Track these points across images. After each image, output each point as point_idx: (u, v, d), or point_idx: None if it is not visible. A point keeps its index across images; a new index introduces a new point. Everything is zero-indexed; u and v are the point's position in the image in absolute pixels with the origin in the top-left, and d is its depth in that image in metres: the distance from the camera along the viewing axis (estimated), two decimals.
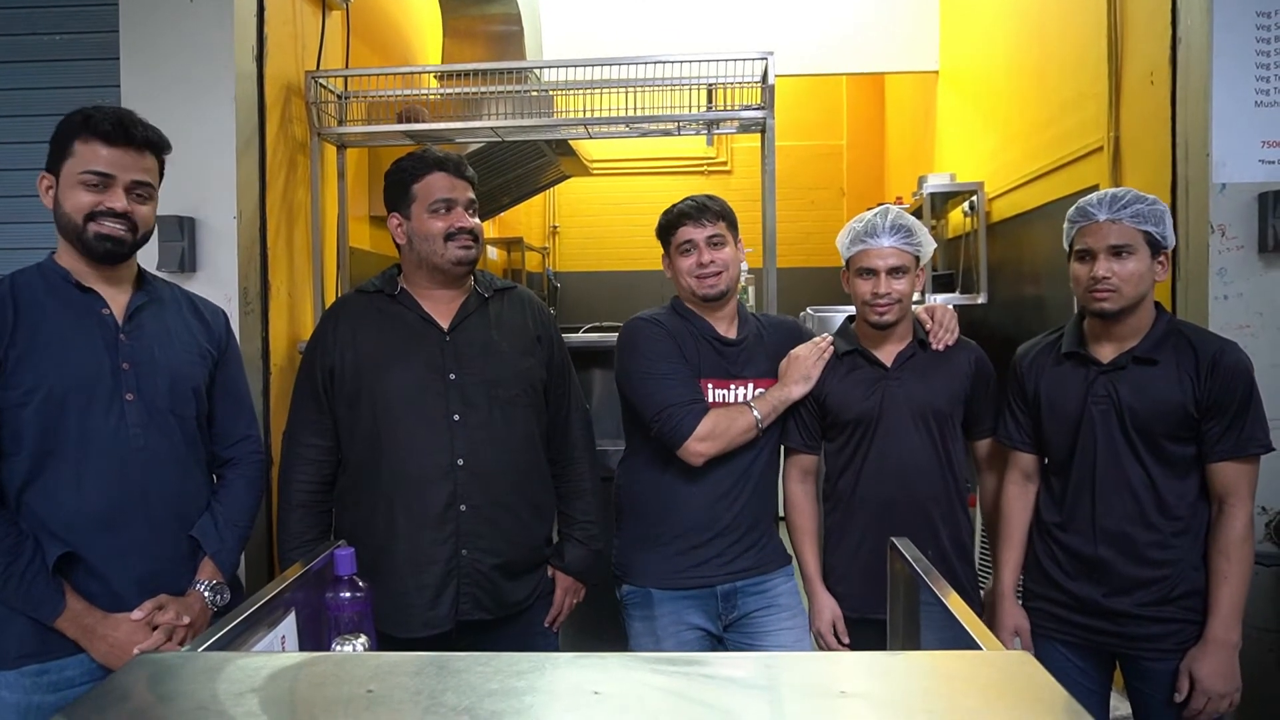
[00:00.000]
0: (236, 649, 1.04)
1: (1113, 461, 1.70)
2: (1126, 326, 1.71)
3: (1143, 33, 2.61)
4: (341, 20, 3.07)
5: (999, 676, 0.87)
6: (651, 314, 1.97)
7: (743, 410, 1.87)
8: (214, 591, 1.60)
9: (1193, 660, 1.66)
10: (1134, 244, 1.66)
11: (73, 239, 1.52)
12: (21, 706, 1.47)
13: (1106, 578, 1.71)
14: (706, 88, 2.69)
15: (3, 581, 1.44)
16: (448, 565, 1.77)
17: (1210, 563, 1.66)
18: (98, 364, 1.51)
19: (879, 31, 5.07)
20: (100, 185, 1.50)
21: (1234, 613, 1.64)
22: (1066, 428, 1.76)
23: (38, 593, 1.45)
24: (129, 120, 1.52)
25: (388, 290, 1.87)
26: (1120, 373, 1.70)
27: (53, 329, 1.50)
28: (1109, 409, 1.70)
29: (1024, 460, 1.86)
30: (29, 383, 1.46)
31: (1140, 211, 1.67)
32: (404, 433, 1.77)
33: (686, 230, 1.91)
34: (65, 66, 2.48)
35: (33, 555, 1.45)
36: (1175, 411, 1.66)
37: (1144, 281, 1.68)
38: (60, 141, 1.52)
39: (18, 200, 2.48)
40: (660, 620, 1.90)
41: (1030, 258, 3.84)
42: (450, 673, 0.84)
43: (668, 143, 6.53)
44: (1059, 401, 1.77)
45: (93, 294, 1.55)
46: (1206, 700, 1.64)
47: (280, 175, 2.65)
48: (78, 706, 0.81)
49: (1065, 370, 1.78)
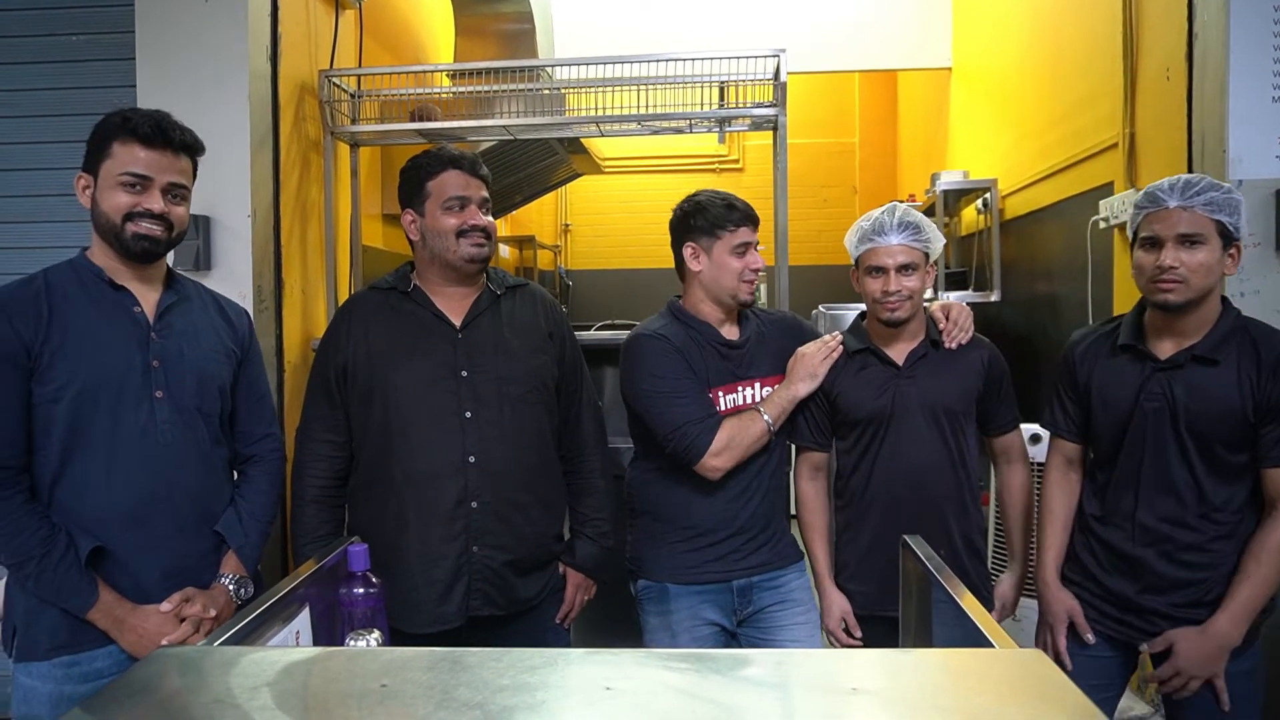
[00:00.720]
0: (252, 644, 1.05)
1: (1160, 461, 1.64)
2: (1189, 322, 1.62)
3: (1158, 28, 2.59)
4: (355, 19, 3.08)
5: (1011, 674, 0.86)
6: (654, 327, 1.93)
7: (754, 417, 1.86)
8: (238, 585, 1.62)
9: (1184, 636, 1.63)
10: (1205, 233, 1.57)
11: (110, 238, 1.55)
12: (54, 696, 1.50)
13: (1142, 575, 1.68)
14: (718, 85, 2.69)
15: (38, 574, 1.46)
16: (458, 561, 1.77)
17: (1241, 559, 1.62)
18: (129, 361, 1.53)
19: (891, 28, 5.06)
20: (138, 186, 1.53)
21: (1245, 613, 1.61)
22: (1116, 422, 1.70)
23: (71, 585, 1.47)
24: (167, 123, 1.55)
25: (400, 288, 1.88)
26: (1177, 371, 1.63)
27: (85, 326, 1.52)
28: (1163, 408, 1.63)
29: (1068, 448, 1.83)
30: (62, 379, 1.49)
31: (1214, 199, 1.57)
32: (416, 430, 1.78)
33: (746, 232, 1.89)
34: (82, 67, 2.50)
35: (66, 548, 1.47)
36: (1232, 416, 1.59)
37: (1213, 274, 1.58)
38: (98, 142, 1.54)
39: (38, 199, 2.51)
40: (676, 615, 1.90)
41: (1044, 255, 3.82)
42: (463, 668, 0.85)
43: (679, 140, 6.52)
44: (1111, 395, 1.71)
45: (125, 292, 1.57)
46: (1175, 674, 1.63)
47: (294, 173, 2.66)
48: (96, 699, 0.82)
49: (1121, 363, 1.70)
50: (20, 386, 1.47)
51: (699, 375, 1.88)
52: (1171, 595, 1.66)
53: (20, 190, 2.52)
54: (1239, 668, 1.65)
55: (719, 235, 1.88)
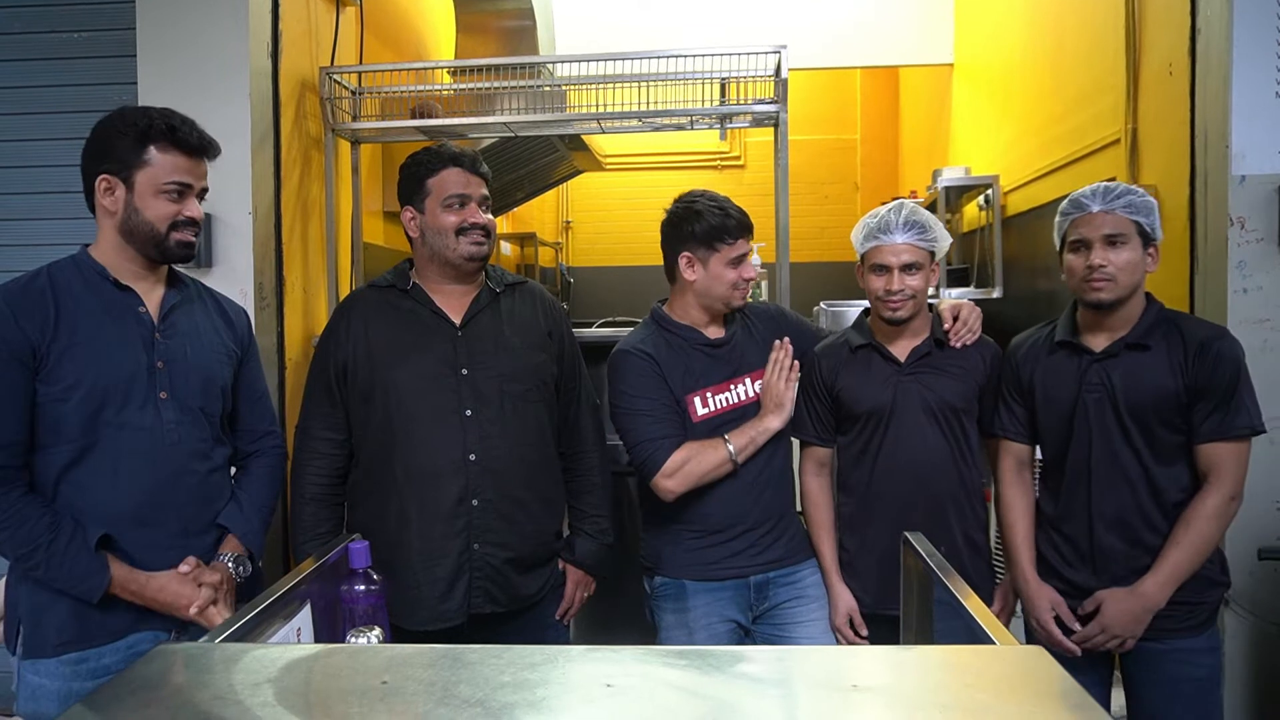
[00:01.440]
0: (253, 640, 1.05)
1: (1107, 449, 1.73)
2: (1119, 317, 1.73)
3: (1161, 23, 2.58)
4: (355, 16, 3.08)
5: (1012, 671, 0.86)
6: (634, 342, 1.93)
7: (716, 445, 1.85)
8: (237, 563, 1.63)
9: (1111, 595, 1.70)
10: (1127, 234, 1.69)
11: (147, 245, 1.55)
12: (61, 693, 1.50)
13: (1104, 565, 1.74)
14: (719, 82, 2.68)
15: (47, 560, 1.46)
16: (459, 559, 1.78)
17: (1173, 528, 1.69)
18: (135, 362, 1.54)
19: (893, 24, 5.04)
20: (180, 195, 1.55)
21: (1171, 578, 1.67)
22: (1061, 417, 1.78)
23: (83, 567, 1.47)
24: (201, 131, 1.58)
25: (400, 285, 1.88)
26: (1113, 360, 1.72)
27: (91, 326, 1.52)
28: (1103, 396, 1.72)
29: (1017, 449, 1.87)
30: (69, 379, 1.49)
31: (1132, 203, 1.70)
32: (417, 428, 1.78)
33: (744, 244, 1.89)
34: (84, 64, 2.50)
35: (73, 533, 1.47)
36: (1167, 397, 1.68)
37: (1137, 271, 1.70)
38: (130, 145, 1.52)
39: (39, 196, 2.51)
40: (693, 612, 1.90)
41: (1046, 252, 3.80)
42: (464, 665, 0.85)
43: (680, 137, 6.53)
44: (1053, 391, 1.79)
45: (130, 292, 1.58)
46: (1101, 632, 1.70)
47: (295, 171, 2.66)
48: (99, 695, 0.83)
49: (1059, 360, 1.79)
50: (25, 386, 1.48)
51: (684, 381, 1.89)
52: (1134, 581, 1.71)
53: (20, 187, 2.52)
54: (1202, 644, 1.72)
55: (716, 248, 1.87)
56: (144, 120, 1.53)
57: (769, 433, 1.88)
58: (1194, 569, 1.68)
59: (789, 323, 2.04)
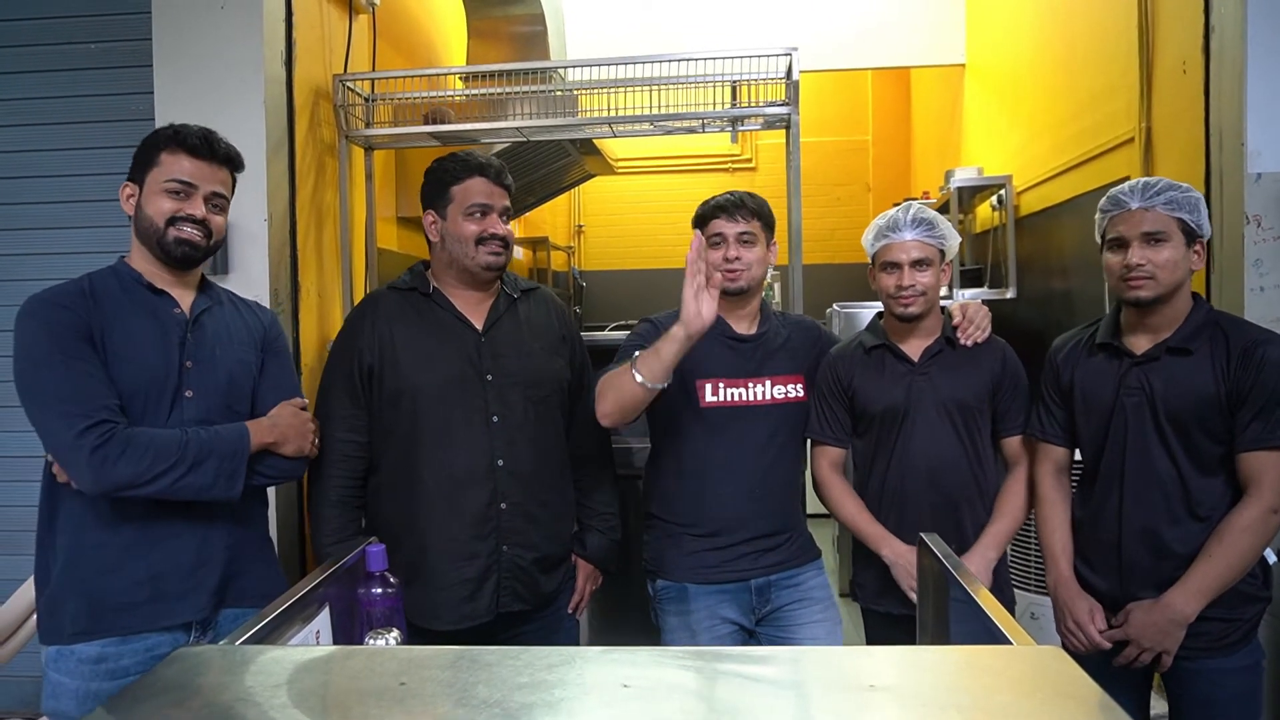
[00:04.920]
0: (272, 643, 1.06)
1: (1142, 455, 1.67)
2: (1162, 317, 1.68)
3: (1174, 22, 2.57)
4: (368, 24, 3.09)
5: (1030, 671, 0.86)
6: (660, 315, 1.96)
7: (624, 369, 1.75)
8: None
9: (1138, 607, 1.66)
10: (1168, 231, 1.63)
11: (151, 242, 1.60)
12: (80, 692, 1.53)
13: (1132, 574, 1.69)
14: (730, 85, 2.68)
15: (197, 446, 1.52)
16: (489, 560, 1.81)
17: (1207, 539, 1.63)
18: (167, 363, 1.58)
19: (904, 25, 5.03)
20: (182, 193, 1.59)
21: (1199, 591, 1.61)
22: (1099, 420, 1.73)
23: (224, 434, 1.56)
24: (213, 137, 1.64)
25: (421, 289, 1.89)
26: (1154, 364, 1.67)
27: (129, 329, 1.57)
28: (1141, 401, 1.67)
29: (1056, 453, 1.83)
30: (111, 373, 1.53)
31: (1174, 199, 1.64)
32: (446, 434, 1.80)
33: (719, 223, 1.90)
34: (100, 74, 2.53)
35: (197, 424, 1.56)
36: (1208, 403, 1.62)
37: (1179, 269, 1.65)
38: (146, 153, 1.61)
39: (65, 205, 2.54)
40: (695, 615, 1.91)
41: (1059, 252, 3.79)
42: (481, 666, 0.85)
43: (692, 140, 6.52)
44: (1092, 393, 1.75)
45: (165, 295, 1.62)
46: (1129, 642, 1.66)
47: (309, 178, 2.68)
48: (120, 698, 0.84)
49: (1099, 362, 1.75)
50: (100, 359, 1.51)
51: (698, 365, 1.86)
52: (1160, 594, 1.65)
53: (47, 197, 2.56)
54: (1235, 664, 1.65)
55: (702, 230, 1.91)
56: (166, 131, 1.61)
57: (675, 341, 1.68)
58: (1227, 583, 1.61)
59: (822, 337, 2.04)
